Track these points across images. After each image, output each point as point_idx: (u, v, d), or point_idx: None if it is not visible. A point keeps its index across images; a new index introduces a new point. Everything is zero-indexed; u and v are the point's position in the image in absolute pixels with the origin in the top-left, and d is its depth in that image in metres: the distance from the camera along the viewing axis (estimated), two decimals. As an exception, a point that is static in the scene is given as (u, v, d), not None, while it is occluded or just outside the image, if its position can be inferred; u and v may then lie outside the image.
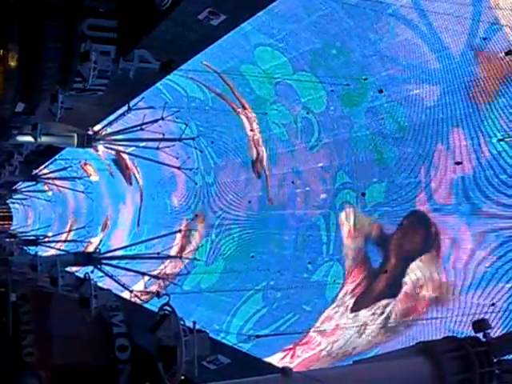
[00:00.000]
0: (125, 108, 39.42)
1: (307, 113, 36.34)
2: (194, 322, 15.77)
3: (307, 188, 39.25)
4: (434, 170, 29.41)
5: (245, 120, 42.87)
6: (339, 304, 35.77)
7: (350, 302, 35.15)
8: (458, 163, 27.65)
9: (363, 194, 33.59)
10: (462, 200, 28.19)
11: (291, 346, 36.02)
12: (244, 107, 41.85)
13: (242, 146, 44.78)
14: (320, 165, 37.46)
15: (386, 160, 32.01)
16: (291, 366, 26.09)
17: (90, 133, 40.38)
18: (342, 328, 33.68)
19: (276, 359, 34.37)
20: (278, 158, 41.30)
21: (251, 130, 42.78)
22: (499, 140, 26.09)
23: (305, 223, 39.82)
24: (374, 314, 32.91)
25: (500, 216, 26.62)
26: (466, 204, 28.02)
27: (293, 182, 40.21)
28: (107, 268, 42.33)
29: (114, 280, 41.06)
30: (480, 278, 27.21)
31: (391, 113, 30.95)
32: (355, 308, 34.54)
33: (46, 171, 68.21)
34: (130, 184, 66.50)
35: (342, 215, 36.40)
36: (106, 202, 76.18)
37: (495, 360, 12.01)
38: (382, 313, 32.46)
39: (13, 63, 21.73)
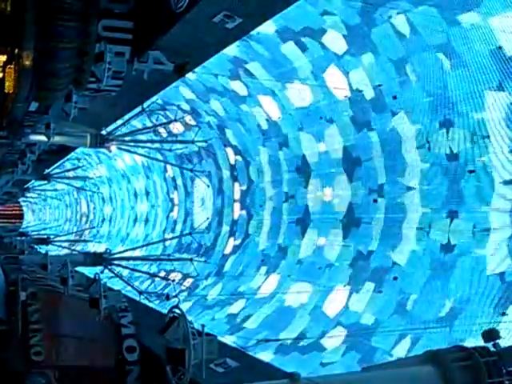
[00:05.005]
0: (139, 109, 39.59)
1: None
2: (203, 325, 15.78)
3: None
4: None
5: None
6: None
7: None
8: (471, 171, 27.55)
9: (375, 201, 33.52)
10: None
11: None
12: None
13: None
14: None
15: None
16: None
17: (104, 133, 40.47)
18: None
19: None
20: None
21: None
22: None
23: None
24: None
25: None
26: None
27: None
28: (117, 269, 42.43)
29: (124, 281, 41.13)
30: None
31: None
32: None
33: (58, 170, 68.50)
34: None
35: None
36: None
37: (504, 370, 11.94)
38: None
39: (27, 62, 21.75)
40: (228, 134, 45.77)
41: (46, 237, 69.27)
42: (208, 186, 52.11)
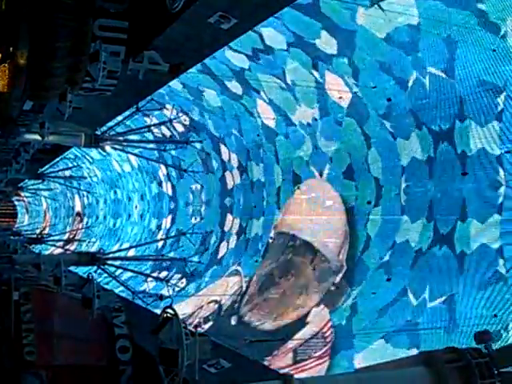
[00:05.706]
0: (133, 109, 39.57)
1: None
2: (196, 326, 15.79)
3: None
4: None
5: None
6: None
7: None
8: (464, 174, 27.61)
9: (369, 203, 33.59)
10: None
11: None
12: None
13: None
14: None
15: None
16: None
17: (98, 133, 40.38)
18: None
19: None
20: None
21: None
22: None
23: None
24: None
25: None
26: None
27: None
28: (111, 269, 42.34)
29: (117, 281, 41.06)
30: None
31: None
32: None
33: (52, 170, 68.37)
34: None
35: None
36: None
37: (496, 372, 11.98)
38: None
39: (22, 61, 21.70)
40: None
41: (39, 236, 69.10)
42: (202, 186, 52.14)
